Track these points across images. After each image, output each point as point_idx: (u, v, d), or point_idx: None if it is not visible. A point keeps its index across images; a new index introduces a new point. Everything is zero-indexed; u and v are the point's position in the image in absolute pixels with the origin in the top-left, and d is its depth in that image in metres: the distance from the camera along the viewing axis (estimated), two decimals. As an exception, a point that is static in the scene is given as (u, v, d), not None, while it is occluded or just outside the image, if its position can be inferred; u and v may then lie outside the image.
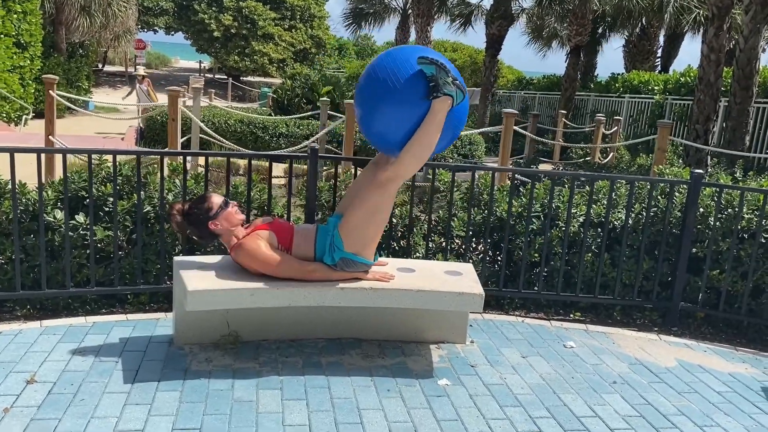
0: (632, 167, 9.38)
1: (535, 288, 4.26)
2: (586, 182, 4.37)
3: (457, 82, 3.08)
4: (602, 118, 12.39)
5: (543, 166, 10.51)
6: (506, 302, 4.39)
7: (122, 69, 35.57)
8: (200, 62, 40.28)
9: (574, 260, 4.30)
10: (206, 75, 37.29)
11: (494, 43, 18.58)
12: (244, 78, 34.82)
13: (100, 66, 34.38)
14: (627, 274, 4.27)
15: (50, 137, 7.27)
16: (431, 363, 3.40)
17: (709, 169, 9.43)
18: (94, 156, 3.75)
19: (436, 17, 21.16)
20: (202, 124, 6.90)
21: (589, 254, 4.28)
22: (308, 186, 4.01)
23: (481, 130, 9.92)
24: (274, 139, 10.88)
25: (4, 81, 12.83)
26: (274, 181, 4.12)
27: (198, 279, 3.10)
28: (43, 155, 3.64)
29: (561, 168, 9.82)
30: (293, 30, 34.26)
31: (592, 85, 18.85)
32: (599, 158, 12.10)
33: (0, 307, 3.74)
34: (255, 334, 3.47)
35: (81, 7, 19.63)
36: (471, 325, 3.95)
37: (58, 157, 6.72)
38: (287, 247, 3.20)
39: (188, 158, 4.61)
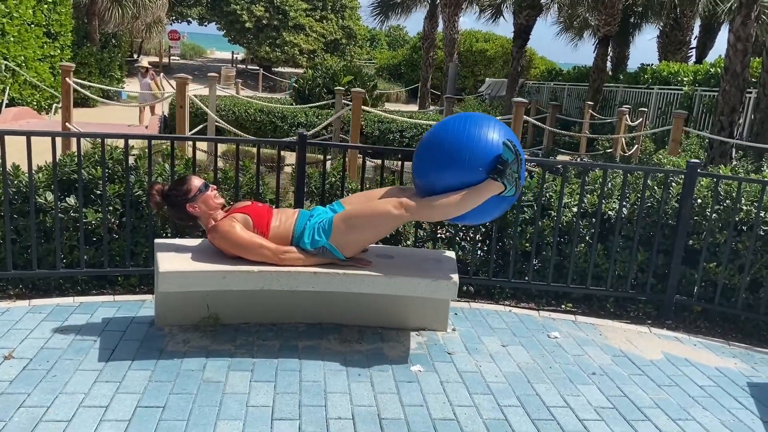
0: (650, 159, 9.17)
1: (526, 278, 4.21)
2: (583, 172, 4.29)
3: (519, 180, 3.08)
4: (626, 109, 12.14)
5: (561, 158, 10.36)
6: (496, 292, 4.35)
7: (157, 59, 36.12)
8: (233, 53, 40.66)
9: (566, 250, 4.24)
10: (239, 66, 37.63)
11: (522, 33, 18.34)
12: (276, 69, 35.04)
13: (135, 56, 35.03)
14: (621, 266, 4.19)
15: (66, 124, 7.42)
16: (408, 350, 3.39)
17: (734, 162, 9.18)
18: (107, 141, 3.83)
19: (464, 7, 21.03)
20: (209, 111, 6.96)
21: (582, 245, 4.21)
22: (297, 173, 4.02)
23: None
24: (293, 128, 10.94)
25: (35, 70, 13.15)
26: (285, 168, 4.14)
27: (172, 260, 3.14)
28: (59, 140, 3.73)
29: (578, 159, 9.67)
30: (324, 21, 34.34)
31: (621, 77, 18.48)
32: (623, 150, 11.88)
33: (-7, 285, 3.85)
34: (235, 317, 3.51)
35: (113, -2, 20.03)
36: (456, 314, 3.93)
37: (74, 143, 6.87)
38: (264, 230, 3.21)
39: (198, 146, 4.65)
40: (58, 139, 3.69)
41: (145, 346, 3.21)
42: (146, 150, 3.89)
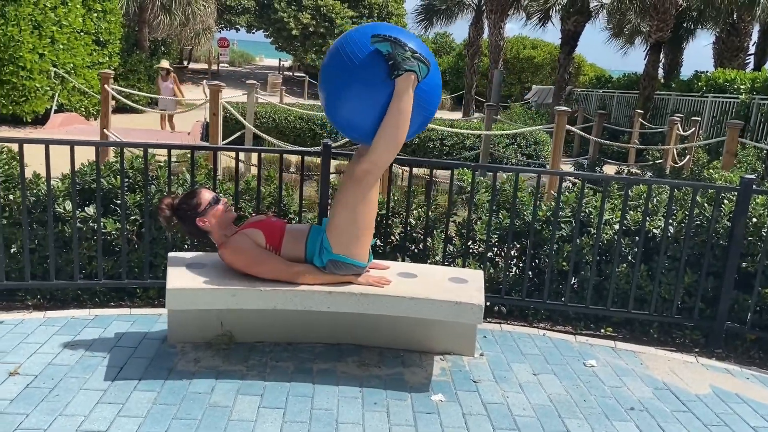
0: (702, 171, 8.71)
1: (563, 299, 3.94)
2: (626, 186, 3.99)
3: (418, 54, 2.79)
4: (676, 118, 11.62)
5: (607, 169, 9.96)
6: (530, 313, 4.09)
7: (206, 66, 36.75)
8: (280, 60, 41.07)
9: (607, 270, 3.96)
10: (285, 73, 37.98)
11: (570, 39, 17.90)
12: (322, 76, 35.20)
13: (185, 63, 35.69)
14: (666, 288, 3.88)
15: (105, 130, 7.46)
16: (430, 376, 3.17)
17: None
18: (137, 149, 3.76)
19: (510, 13, 20.67)
20: (243, 119, 6.89)
21: (624, 265, 3.92)
22: (321, 183, 3.85)
23: (535, 128, 9.47)
24: (331, 135, 10.83)
25: (84, 77, 13.42)
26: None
27: (181, 276, 3.01)
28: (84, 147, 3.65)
29: (625, 170, 9.26)
30: (370, 28, 34.37)
31: (673, 84, 17.82)
32: (673, 161, 11.37)
33: (12, 296, 3.79)
34: (250, 336, 3.35)
35: (162, 6, 20.40)
36: (485, 336, 3.69)
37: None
38: (276, 246, 3.05)
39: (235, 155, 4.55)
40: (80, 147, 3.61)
41: (154, 364, 3.08)
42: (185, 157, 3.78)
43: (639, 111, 14.68)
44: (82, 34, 13.67)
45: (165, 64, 14.07)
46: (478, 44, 22.28)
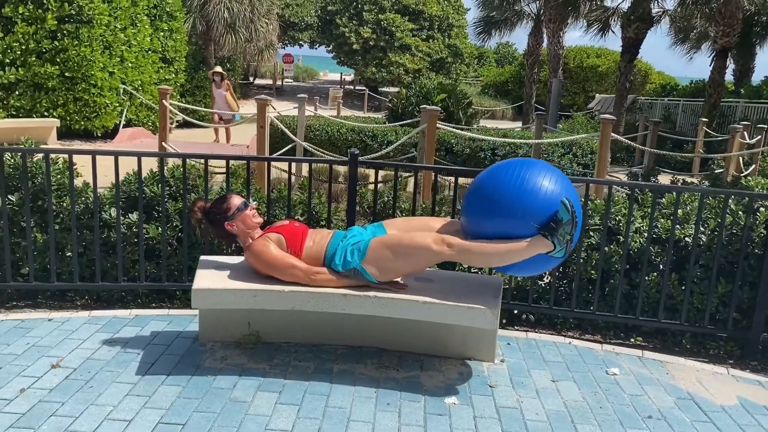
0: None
1: (591, 308, 3.91)
2: (655, 194, 3.94)
3: (570, 243, 2.90)
4: (739, 126, 11.19)
5: (662, 178, 9.71)
6: (558, 321, 4.08)
7: (271, 82, 37.78)
8: (341, 74, 41.78)
9: (637, 279, 3.91)
10: (347, 86, 38.58)
11: (631, 47, 17.45)
12: (381, 89, 35.58)
13: (251, 79, 36.80)
14: (698, 298, 3.80)
15: (163, 143, 7.84)
16: (447, 380, 3.23)
17: None
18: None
19: (569, 22, 20.40)
20: (287, 130, 7.11)
21: (654, 273, 3.86)
22: (348, 191, 3.98)
23: (582, 136, 9.31)
24: (382, 146, 10.98)
25: (151, 93, 14.08)
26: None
27: (207, 278, 3.18)
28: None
29: (680, 181, 8.99)
30: (431, 40, 34.49)
31: (742, 91, 17.14)
32: (737, 170, 10.95)
33: (63, 296, 4.07)
34: (276, 336, 3.49)
35: (227, 24, 21.17)
36: (509, 344, 3.71)
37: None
38: (297, 250, 3.18)
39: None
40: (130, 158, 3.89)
41: (184, 361, 3.26)
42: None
43: (703, 119, 14.20)
44: (149, 52, 14.37)
45: (219, 69, 13.84)
46: (538, 53, 22.06)
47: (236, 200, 3.29)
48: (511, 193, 2.88)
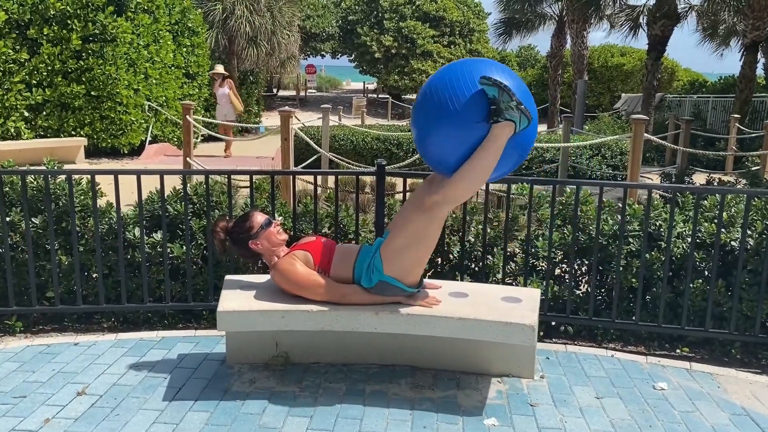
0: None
1: (633, 318, 3.73)
2: (698, 197, 3.75)
3: (522, 106, 2.74)
4: (774, 121, 10.85)
5: (698, 178, 9.39)
6: (599, 333, 3.90)
7: (294, 92, 37.98)
8: (364, 83, 41.85)
9: (681, 287, 3.72)
10: (370, 95, 38.60)
11: (657, 44, 17.11)
12: (405, 96, 35.52)
13: (275, 91, 37.02)
14: (748, 305, 3.60)
15: (187, 159, 7.81)
16: (485, 399, 3.07)
17: None
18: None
19: (593, 22, 20.09)
20: (311, 142, 7.02)
21: (699, 280, 3.67)
22: (376, 203, 3.86)
23: (611, 138, 9.05)
24: (408, 155, 10.88)
25: (175, 108, 14.15)
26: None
27: (233, 299, 3.08)
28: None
29: (716, 180, 8.68)
30: (452, 46, 34.36)
31: (775, 85, 16.69)
32: (773, 167, 10.58)
33: (89, 319, 4.01)
34: (305, 356, 3.38)
35: (249, 38, 21.27)
36: (548, 358, 3.55)
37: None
38: (325, 267, 3.07)
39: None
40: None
41: (211, 385, 3.16)
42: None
43: (735, 116, 13.82)
44: (173, 68, 14.46)
45: (220, 68, 12.96)
46: (561, 55, 21.77)
47: (259, 218, 3.18)
48: (440, 114, 2.75)
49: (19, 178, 3.79)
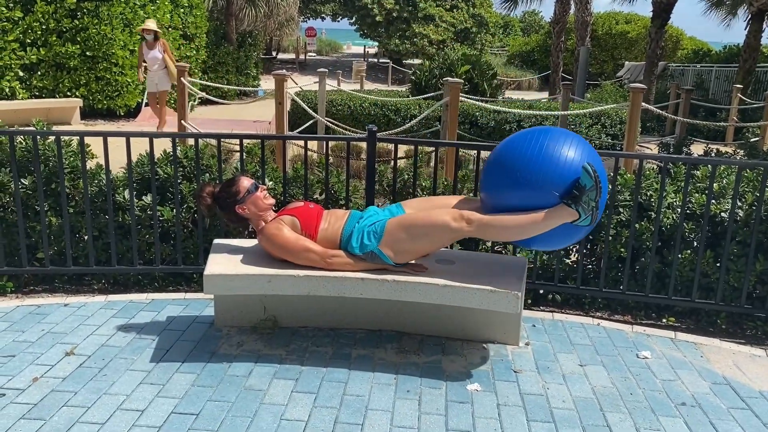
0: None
1: (620, 287, 3.75)
2: (689, 167, 3.74)
3: (596, 211, 2.74)
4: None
5: (695, 148, 9.35)
6: (587, 302, 3.92)
7: (294, 56, 37.55)
8: (365, 47, 41.35)
9: (669, 257, 3.73)
10: (370, 59, 38.18)
11: (662, 12, 16.85)
12: (405, 61, 35.12)
13: (274, 54, 36.58)
14: (735, 276, 3.61)
15: (182, 122, 7.76)
16: (469, 365, 3.11)
17: None
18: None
19: (598, -12, 19.77)
20: (306, 107, 6.96)
21: (688, 251, 3.67)
22: (367, 169, 3.85)
23: (609, 106, 8.97)
24: (406, 121, 10.79)
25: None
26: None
27: (220, 262, 3.08)
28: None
29: (714, 151, 8.63)
30: (455, 10, 33.85)
31: (779, 55, 16.51)
32: (773, 139, 10.53)
33: (80, 280, 4.03)
34: (293, 320, 3.40)
35: (246, -1, 20.96)
36: (534, 326, 3.58)
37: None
38: (312, 232, 3.07)
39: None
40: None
41: (199, 347, 3.19)
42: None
43: (738, 86, 13.70)
44: (170, 29, 14.26)
45: (152, 24, 9.84)
46: (564, 21, 21.46)
47: (246, 182, 3.17)
48: (530, 163, 2.74)
49: (8, 139, 3.76)
